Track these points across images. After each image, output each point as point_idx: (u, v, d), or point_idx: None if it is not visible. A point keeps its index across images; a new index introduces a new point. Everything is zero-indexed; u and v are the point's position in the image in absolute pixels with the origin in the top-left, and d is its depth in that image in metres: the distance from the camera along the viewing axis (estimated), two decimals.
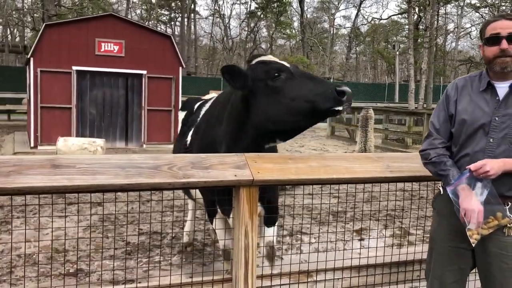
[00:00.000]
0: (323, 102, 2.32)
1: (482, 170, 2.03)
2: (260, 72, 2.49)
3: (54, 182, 1.91)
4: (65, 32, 11.00)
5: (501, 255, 2.16)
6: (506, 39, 2.12)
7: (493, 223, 2.10)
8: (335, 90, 2.30)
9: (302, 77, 2.44)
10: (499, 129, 2.14)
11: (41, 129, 10.95)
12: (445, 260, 2.30)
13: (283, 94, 2.40)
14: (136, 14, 43.13)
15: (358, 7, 41.91)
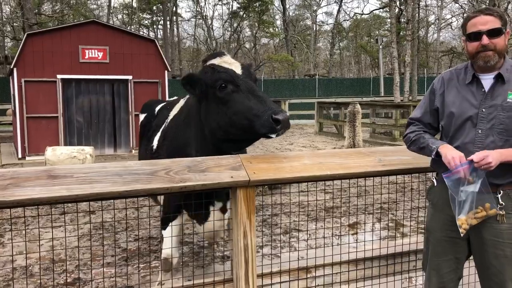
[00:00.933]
0: (258, 126, 2.38)
1: (484, 162, 2.07)
2: (209, 79, 2.54)
3: (53, 193, 1.92)
4: (48, 41, 10.91)
5: (496, 242, 2.20)
6: (487, 35, 2.20)
7: (482, 213, 2.15)
8: (271, 118, 2.33)
9: (247, 92, 2.47)
10: (487, 120, 2.21)
11: (28, 140, 10.84)
12: (441, 251, 2.35)
13: (228, 107, 2.47)
14: (117, 19, 42.86)
15: (339, 3, 42.11)
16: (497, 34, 2.19)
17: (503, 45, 2.22)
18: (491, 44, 2.19)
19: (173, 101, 3.76)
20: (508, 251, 2.20)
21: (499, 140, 2.19)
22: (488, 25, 2.19)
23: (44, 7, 35.39)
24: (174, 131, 3.06)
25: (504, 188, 2.21)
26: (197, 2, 43.65)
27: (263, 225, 5.51)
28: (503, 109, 2.18)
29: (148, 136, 3.61)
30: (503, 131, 2.18)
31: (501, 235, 2.20)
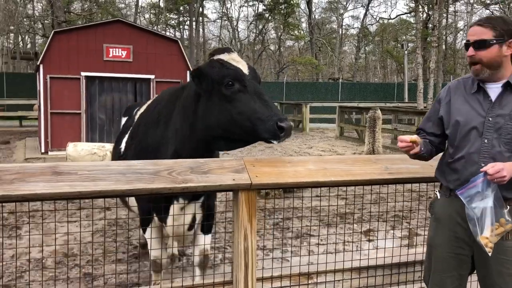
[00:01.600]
0: (261, 130, 2.34)
1: (499, 175, 1.98)
2: (216, 75, 2.47)
3: (56, 189, 1.97)
4: (74, 39, 11.14)
5: (501, 260, 2.14)
6: (472, 46, 2.15)
7: (500, 229, 2.05)
8: (277, 125, 2.31)
9: (253, 93, 2.43)
10: (493, 130, 2.14)
11: (51, 135, 11.09)
12: (445, 267, 2.28)
13: (232, 106, 2.42)
14: (145, 18, 43.46)
15: (366, 7, 41.75)
16: (483, 46, 2.12)
17: (491, 58, 2.13)
18: (475, 56, 2.14)
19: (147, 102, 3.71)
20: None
21: (506, 151, 2.12)
22: (475, 37, 2.14)
23: (74, 5, 36.20)
24: (143, 130, 2.98)
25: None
26: (223, 3, 43.91)
27: (274, 228, 5.50)
28: (510, 119, 2.11)
29: (118, 137, 3.56)
30: (510, 141, 2.11)
31: (505, 253, 2.13)
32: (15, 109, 19.77)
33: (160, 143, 2.75)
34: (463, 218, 2.14)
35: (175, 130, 2.67)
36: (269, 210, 6.25)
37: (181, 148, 2.62)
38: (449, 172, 2.26)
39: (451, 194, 2.25)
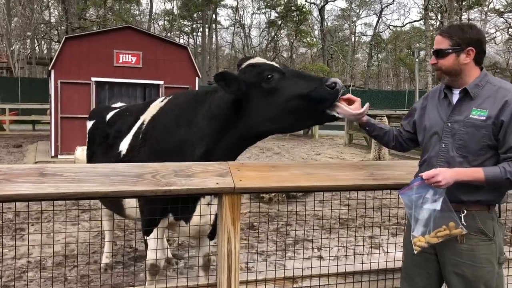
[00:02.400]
0: (317, 100, 2.34)
1: (434, 180, 2.07)
2: (252, 75, 2.52)
3: (40, 190, 2.02)
4: (84, 44, 11.33)
5: (456, 262, 2.21)
6: (434, 54, 2.26)
7: (444, 232, 2.11)
8: (327, 86, 2.32)
9: (293, 76, 2.48)
10: (450, 135, 2.22)
11: (61, 139, 11.26)
12: (412, 265, 2.37)
13: (278, 95, 2.44)
14: (158, 25, 43.94)
15: (379, 15, 41.67)
16: (441, 55, 2.22)
17: (449, 65, 2.21)
18: (437, 64, 2.25)
19: (130, 107, 3.72)
20: (467, 272, 2.18)
21: (458, 156, 2.18)
22: (436, 46, 2.26)
23: (89, 12, 36.77)
24: (161, 131, 3.00)
25: (469, 207, 2.18)
26: (236, 11, 44.22)
27: (272, 234, 5.51)
28: (464, 124, 2.18)
29: (107, 143, 3.55)
30: (461, 147, 2.18)
31: (460, 255, 2.19)
32: (29, 113, 20.11)
33: (184, 144, 2.80)
34: None
35: (201, 134, 2.72)
36: (271, 216, 6.27)
37: (213, 150, 2.68)
38: (416, 174, 2.36)
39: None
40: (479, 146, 2.16)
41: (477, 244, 2.18)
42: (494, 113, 2.12)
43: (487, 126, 2.13)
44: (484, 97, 2.18)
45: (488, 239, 2.19)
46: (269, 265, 4.31)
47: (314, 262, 2.69)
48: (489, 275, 2.19)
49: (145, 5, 43.13)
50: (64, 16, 24.30)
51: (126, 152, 3.24)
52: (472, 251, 2.18)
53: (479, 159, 2.17)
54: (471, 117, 2.17)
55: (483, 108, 2.15)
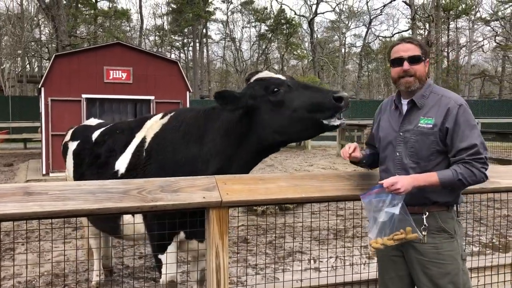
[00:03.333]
0: (322, 111, 2.44)
1: (393, 188, 2.17)
2: (260, 89, 2.61)
3: (25, 209, 2.01)
4: (74, 62, 11.34)
5: (422, 261, 2.32)
6: (407, 61, 2.33)
7: (400, 236, 2.19)
8: (333, 97, 2.41)
9: (300, 88, 2.56)
10: (403, 143, 2.36)
11: (52, 157, 11.20)
12: (383, 269, 2.48)
13: (285, 107, 2.53)
14: (149, 41, 44.09)
15: (368, 26, 42.12)
16: (417, 61, 2.33)
17: (423, 72, 2.36)
18: (411, 69, 2.33)
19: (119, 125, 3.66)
20: (434, 270, 2.29)
21: (411, 163, 2.32)
22: (409, 52, 2.33)
23: (80, 29, 36.86)
24: (170, 148, 2.96)
25: (431, 209, 2.31)
26: (227, 25, 44.52)
27: (266, 247, 5.49)
28: (414, 133, 2.32)
29: (98, 164, 3.50)
30: (413, 154, 2.32)
31: (426, 254, 2.31)
32: (20, 132, 20.00)
33: (195, 161, 2.80)
34: None
35: (215, 151, 2.74)
36: (263, 229, 6.25)
37: (228, 166, 2.71)
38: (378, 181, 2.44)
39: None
40: (429, 152, 2.31)
41: (441, 242, 2.31)
42: (439, 121, 2.28)
43: (434, 133, 2.29)
44: (430, 106, 2.34)
45: (450, 237, 2.33)
46: (262, 279, 4.29)
47: (307, 274, 2.69)
48: (454, 272, 2.31)
49: (136, 21, 43.37)
50: (54, 34, 24.35)
51: (126, 171, 3.18)
52: (436, 248, 2.30)
53: (430, 164, 2.31)
54: (419, 126, 2.32)
55: (429, 116, 2.31)
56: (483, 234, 5.97)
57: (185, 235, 2.90)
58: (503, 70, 42.29)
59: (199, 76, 41.63)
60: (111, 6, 39.67)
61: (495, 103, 28.72)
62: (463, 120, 2.27)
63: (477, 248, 5.50)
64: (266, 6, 52.81)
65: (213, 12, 43.88)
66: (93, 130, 3.89)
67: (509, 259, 3.27)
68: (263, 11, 42.89)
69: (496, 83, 42.91)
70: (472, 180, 2.24)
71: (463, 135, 2.26)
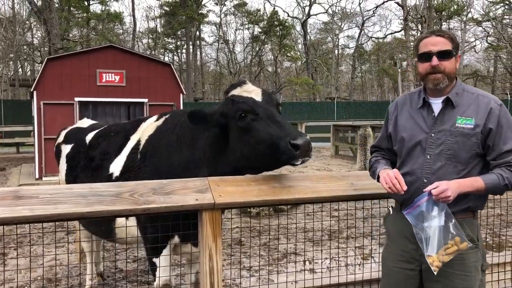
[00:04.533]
0: (279, 153, 2.29)
1: (444, 195, 2.00)
2: (230, 111, 2.51)
3: (15, 213, 1.98)
4: (67, 65, 11.28)
5: (447, 273, 2.14)
6: (437, 56, 2.14)
7: (453, 248, 2.05)
8: (290, 144, 2.22)
9: (266, 118, 2.41)
10: (435, 145, 2.16)
11: (45, 160, 11.12)
12: (393, 282, 2.30)
13: (250, 136, 2.42)
14: (142, 43, 43.99)
15: (360, 27, 42.28)
16: (447, 56, 2.15)
17: (453, 69, 2.17)
18: (440, 65, 2.13)
19: (113, 128, 3.62)
20: (457, 282, 2.14)
21: (449, 166, 2.13)
22: (439, 46, 2.15)
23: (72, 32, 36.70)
24: (164, 151, 2.94)
25: (458, 216, 2.13)
26: (220, 27, 44.51)
27: (260, 249, 5.47)
28: (451, 134, 2.14)
29: (92, 167, 3.47)
30: (451, 156, 2.13)
31: (451, 266, 2.13)
32: (13, 136, 19.87)
33: (189, 164, 2.78)
34: (412, 233, 2.14)
35: (205, 156, 2.71)
36: (257, 230, 6.23)
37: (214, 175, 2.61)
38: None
39: (401, 209, 2.25)
40: (469, 155, 2.13)
41: (467, 253, 2.13)
42: (481, 121, 2.11)
43: (476, 134, 2.12)
44: (466, 105, 2.16)
45: (475, 246, 2.17)
46: (256, 281, 4.28)
47: (302, 275, 2.67)
48: (476, 284, 2.16)
49: (129, 24, 43.24)
50: (46, 37, 24.22)
51: (120, 174, 3.16)
52: (463, 260, 2.14)
53: (467, 168, 2.14)
54: (457, 126, 2.13)
55: (468, 116, 2.13)
56: None
57: (179, 238, 2.87)
58: (495, 70, 42.59)
59: (192, 78, 41.57)
60: (103, 9, 39.55)
61: None
62: (505, 121, 2.13)
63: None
64: (259, 8, 52.99)
65: (206, 15, 43.88)
66: (87, 132, 3.86)
67: (503, 258, 3.27)
68: (256, 13, 42.94)
69: (488, 83, 43.19)
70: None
71: (506, 137, 2.11)
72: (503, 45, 35.71)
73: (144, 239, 2.98)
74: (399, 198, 2.26)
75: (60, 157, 4.09)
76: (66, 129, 4.32)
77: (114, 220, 3.16)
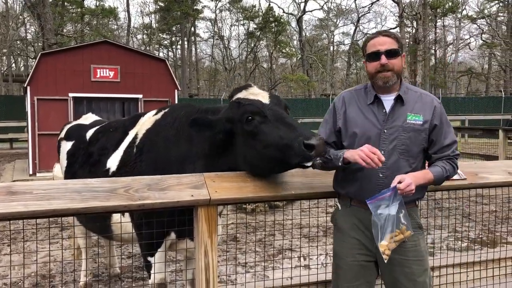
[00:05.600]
0: (291, 156, 2.17)
1: (409, 189, 2.09)
2: (236, 114, 2.39)
3: (9, 209, 1.96)
4: (61, 60, 11.21)
5: (403, 261, 2.25)
6: (385, 55, 2.23)
7: (399, 236, 2.14)
8: (303, 144, 2.12)
9: (275, 120, 2.29)
10: (388, 141, 2.24)
11: (39, 156, 11.06)
12: (350, 275, 2.32)
13: (257, 140, 2.30)
14: (137, 39, 43.79)
15: (356, 24, 42.29)
16: (394, 55, 2.24)
17: (400, 66, 2.27)
18: (389, 64, 2.24)
19: (113, 123, 3.59)
20: (414, 268, 2.25)
21: (402, 160, 2.23)
22: (386, 46, 2.24)
23: (66, 27, 36.48)
24: (163, 145, 2.91)
25: (407, 206, 2.23)
26: (215, 23, 44.39)
27: (255, 245, 5.47)
28: (404, 130, 2.24)
29: (90, 162, 3.45)
30: (404, 151, 2.24)
31: (406, 253, 2.26)
32: (6, 132, 19.74)
33: (185, 160, 2.73)
34: (366, 225, 2.26)
35: (202, 153, 2.65)
36: (253, 227, 6.23)
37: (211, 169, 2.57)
38: (350, 183, 2.30)
39: (352, 204, 2.34)
40: (419, 149, 2.27)
41: (418, 239, 2.30)
42: (428, 118, 2.27)
43: (425, 130, 2.26)
44: (413, 103, 2.29)
45: (422, 232, 2.35)
46: (252, 277, 4.28)
47: (297, 271, 2.67)
48: (428, 266, 2.31)
49: (123, 20, 43.00)
50: (40, 32, 24.06)
51: (117, 168, 3.13)
52: (415, 246, 2.28)
53: (417, 161, 2.28)
54: (408, 122, 2.25)
55: (416, 113, 2.27)
56: (471, 229, 6.02)
57: (175, 235, 2.86)
58: (490, 67, 42.79)
59: (187, 74, 41.46)
60: (98, 4, 39.32)
61: (481, 100, 29.01)
62: (445, 118, 2.32)
63: (465, 244, 5.54)
64: (255, 4, 52.80)
65: (201, 10, 43.72)
66: (88, 128, 3.84)
67: (497, 254, 3.29)
68: (252, 9, 42.85)
69: (482, 80, 43.40)
70: (451, 175, 2.30)
71: (446, 132, 2.29)
72: (498, 42, 35.88)
73: (138, 236, 2.96)
74: (353, 193, 2.31)
75: (60, 153, 4.09)
76: (68, 125, 4.31)
77: (109, 216, 3.15)
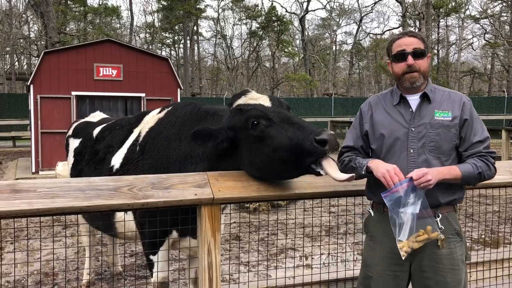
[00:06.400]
0: (303, 155, 2.11)
1: (424, 179, 2.02)
2: (239, 121, 2.33)
3: (13, 207, 1.96)
4: (64, 59, 11.22)
5: (437, 269, 2.16)
6: (412, 55, 2.22)
7: (423, 236, 2.07)
8: (315, 140, 2.07)
9: (281, 122, 2.23)
10: (417, 139, 2.21)
11: (42, 154, 11.09)
12: (383, 286, 2.26)
13: (264, 144, 2.23)
14: (140, 38, 43.79)
15: (358, 23, 42.23)
16: (421, 55, 2.24)
17: (426, 67, 2.26)
18: (416, 64, 2.23)
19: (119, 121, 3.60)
20: (448, 277, 2.16)
21: (432, 158, 2.19)
22: (413, 46, 2.24)
23: (69, 26, 36.52)
24: (163, 144, 2.89)
25: (443, 210, 2.19)
26: (218, 22, 44.37)
27: (258, 244, 5.47)
28: (432, 126, 2.21)
29: (96, 159, 3.46)
30: (434, 148, 2.20)
31: (441, 261, 2.16)
32: (9, 130, 19.79)
33: (186, 160, 2.72)
34: None
35: (205, 154, 2.62)
36: (255, 226, 6.24)
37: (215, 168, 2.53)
38: (379, 187, 2.16)
39: (384, 210, 2.25)
40: (450, 146, 2.22)
41: (455, 247, 2.20)
42: (457, 113, 2.22)
43: (455, 126, 2.22)
44: (440, 101, 2.26)
45: (460, 240, 2.24)
46: (254, 276, 4.28)
47: (299, 271, 2.67)
48: (463, 276, 2.22)
49: (126, 18, 43.05)
50: (43, 31, 24.10)
51: (120, 166, 3.13)
52: (451, 254, 2.18)
53: (449, 159, 2.22)
54: (436, 119, 2.22)
55: (444, 110, 2.23)
56: (474, 230, 6.01)
57: (178, 234, 2.86)
58: (492, 67, 42.66)
59: (190, 73, 41.48)
60: (101, 3, 39.37)
61: (484, 100, 28.95)
62: (475, 114, 2.26)
63: (468, 244, 5.53)
64: (257, 4, 52.87)
65: (204, 9, 43.67)
66: (95, 126, 3.86)
67: (500, 254, 3.28)
68: (254, 8, 42.79)
69: (485, 80, 43.27)
70: (487, 174, 2.18)
71: (476, 129, 2.22)
72: (501, 42, 35.78)
73: (140, 235, 2.96)
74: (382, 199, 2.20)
75: (68, 150, 4.12)
76: (76, 122, 4.35)
77: (113, 215, 3.16)
